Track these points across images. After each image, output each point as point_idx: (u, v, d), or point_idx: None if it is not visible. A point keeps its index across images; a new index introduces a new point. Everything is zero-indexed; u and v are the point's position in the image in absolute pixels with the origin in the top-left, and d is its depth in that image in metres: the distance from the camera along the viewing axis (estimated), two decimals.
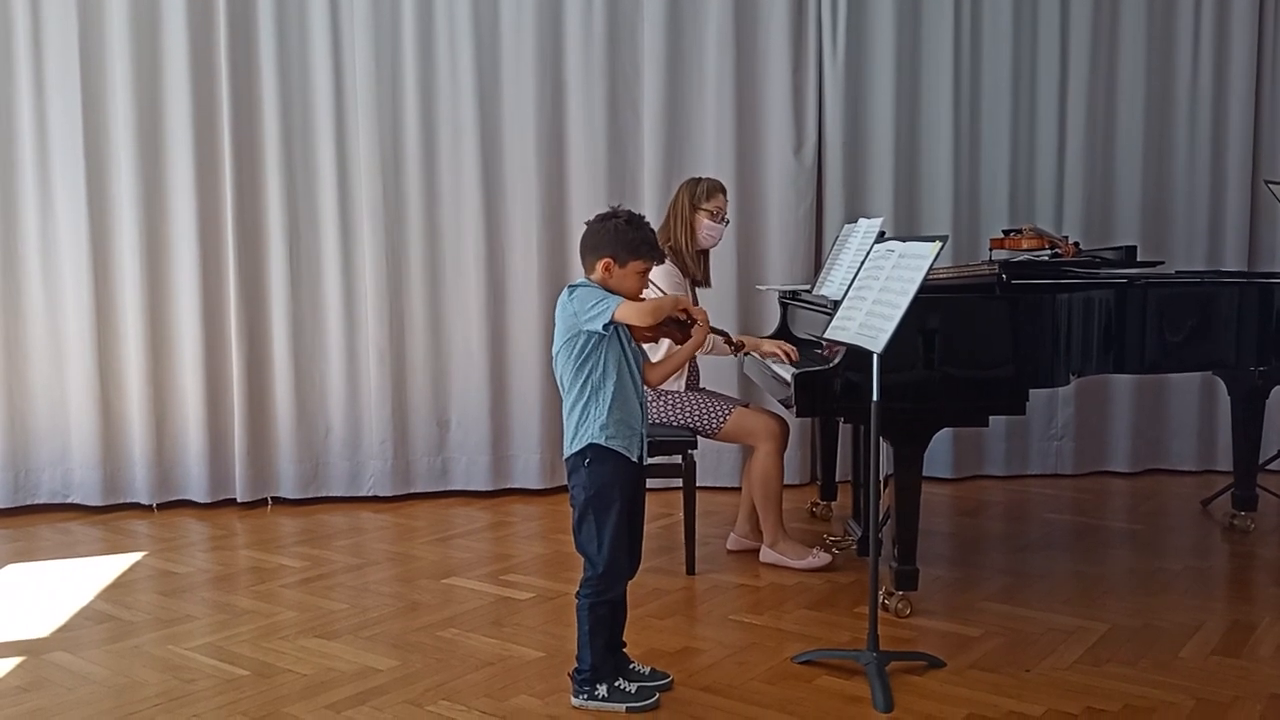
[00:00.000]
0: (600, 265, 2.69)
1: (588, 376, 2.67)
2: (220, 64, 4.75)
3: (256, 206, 4.86)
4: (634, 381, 2.73)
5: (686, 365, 3.92)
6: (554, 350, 2.74)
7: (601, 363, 2.67)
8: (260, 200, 4.86)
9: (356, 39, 4.84)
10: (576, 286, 2.69)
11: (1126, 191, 5.36)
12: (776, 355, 3.73)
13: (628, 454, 2.71)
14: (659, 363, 2.93)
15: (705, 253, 4.09)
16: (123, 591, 3.74)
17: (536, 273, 5.01)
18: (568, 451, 2.73)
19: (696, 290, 4.07)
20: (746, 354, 3.77)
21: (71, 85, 4.69)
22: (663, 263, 3.47)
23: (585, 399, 2.68)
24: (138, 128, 4.72)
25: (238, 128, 4.78)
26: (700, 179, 4.05)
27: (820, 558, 3.86)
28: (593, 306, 2.61)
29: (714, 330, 2.85)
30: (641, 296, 2.76)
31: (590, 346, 2.66)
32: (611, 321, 2.60)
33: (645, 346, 2.88)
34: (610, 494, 2.68)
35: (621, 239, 2.69)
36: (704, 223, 3.97)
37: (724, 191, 4.04)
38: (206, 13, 4.74)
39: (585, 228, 2.77)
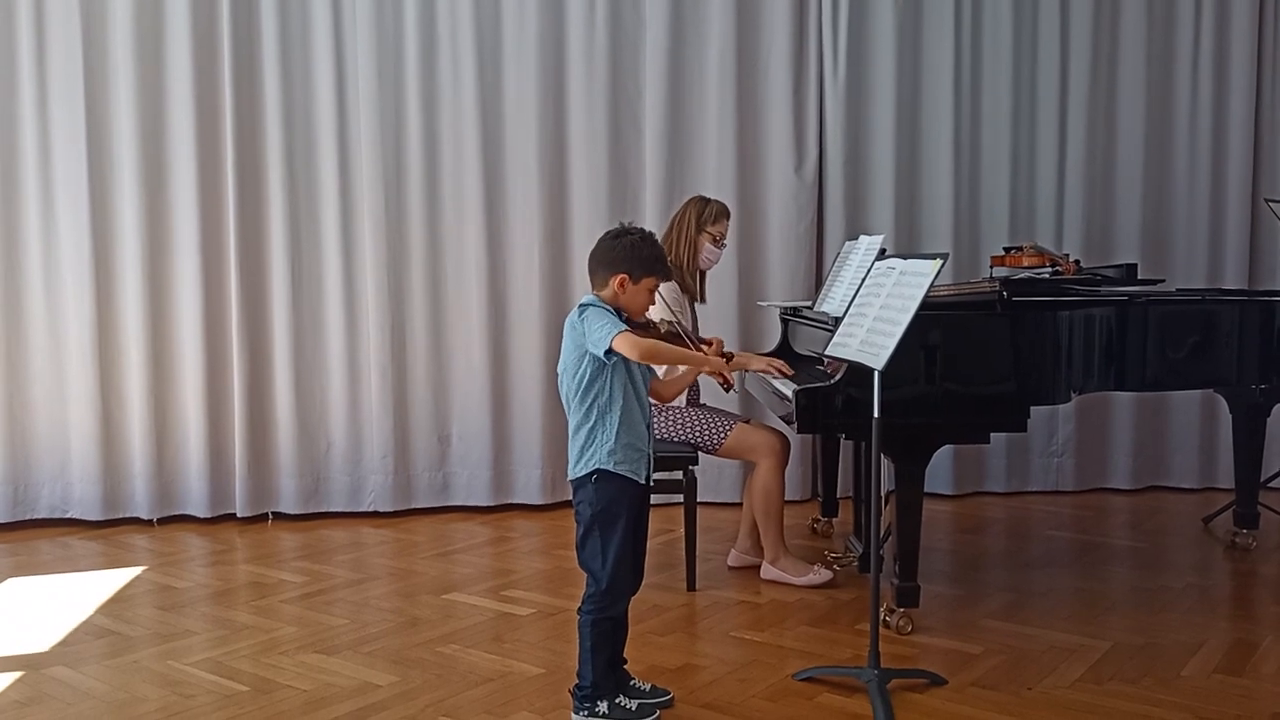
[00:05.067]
0: (615, 282, 2.69)
1: (594, 400, 2.67)
2: (224, 82, 4.77)
3: (258, 221, 4.87)
4: (640, 404, 2.73)
5: None
6: (559, 368, 2.73)
7: (608, 387, 2.66)
8: (262, 215, 4.87)
9: (359, 55, 4.85)
10: (587, 306, 2.68)
11: (1127, 209, 5.37)
12: (769, 373, 3.73)
13: (635, 477, 2.71)
14: (669, 380, 2.94)
15: (703, 271, 4.10)
16: (122, 606, 3.73)
17: (538, 288, 5.01)
18: (572, 475, 2.72)
19: (695, 306, 4.09)
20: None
21: (75, 99, 4.71)
22: (670, 280, 3.49)
23: (592, 423, 2.68)
24: (140, 144, 4.74)
25: (240, 144, 4.80)
26: (710, 200, 4.07)
27: (821, 574, 3.85)
28: (597, 330, 2.60)
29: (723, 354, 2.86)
30: (646, 312, 2.78)
31: (596, 370, 2.65)
32: (611, 350, 2.59)
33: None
34: (616, 511, 2.68)
35: (637, 256, 2.69)
36: (705, 245, 3.99)
37: (729, 217, 4.07)
38: (210, 26, 4.77)
39: (596, 244, 2.75)
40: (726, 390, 2.86)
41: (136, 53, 4.71)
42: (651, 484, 2.79)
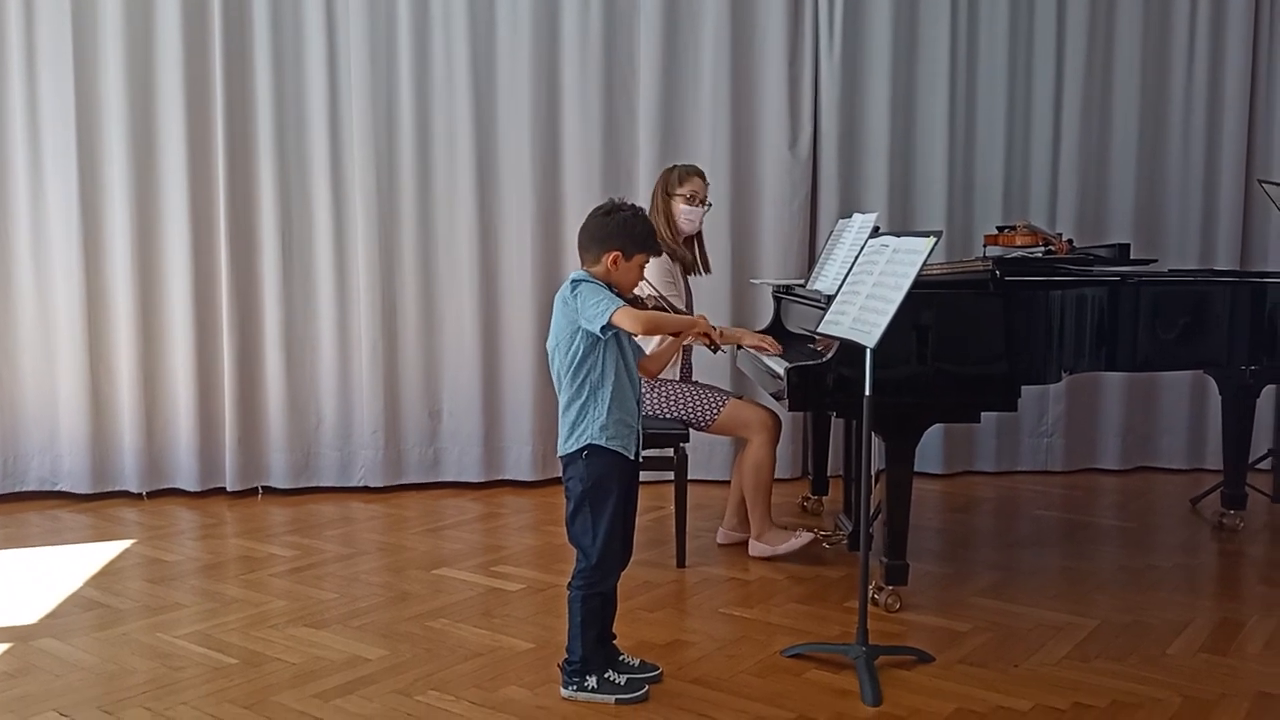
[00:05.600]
0: (608, 258, 2.68)
1: (586, 376, 2.66)
2: (214, 53, 4.73)
3: (249, 195, 4.84)
4: (631, 379, 2.73)
5: (679, 356, 3.93)
6: (549, 345, 2.73)
7: (600, 363, 2.66)
8: (253, 188, 4.84)
9: (352, 28, 4.81)
10: (579, 282, 2.67)
11: (1120, 189, 5.37)
12: (760, 349, 3.72)
13: (626, 453, 2.71)
14: (656, 354, 2.94)
15: (697, 240, 4.08)
16: (112, 579, 3.73)
17: (530, 264, 5.00)
18: (563, 450, 2.72)
19: (689, 278, 4.08)
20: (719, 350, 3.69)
21: (64, 71, 4.66)
22: (660, 255, 3.48)
23: (584, 399, 2.67)
24: (130, 115, 4.70)
25: (231, 116, 4.76)
26: (674, 166, 4.06)
27: (802, 537, 3.86)
28: (593, 306, 2.59)
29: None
30: (635, 289, 2.77)
31: (589, 346, 2.65)
32: (609, 325, 2.59)
33: (639, 338, 2.88)
34: (607, 486, 2.68)
35: (629, 232, 2.68)
36: (680, 208, 3.96)
37: (700, 175, 4.01)
38: (201, 2, 4.72)
39: (587, 219, 2.74)
40: (714, 352, 2.86)
41: (126, 28, 4.67)
42: (641, 460, 2.78)
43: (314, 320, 4.95)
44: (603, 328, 2.58)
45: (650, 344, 3.41)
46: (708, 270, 4.15)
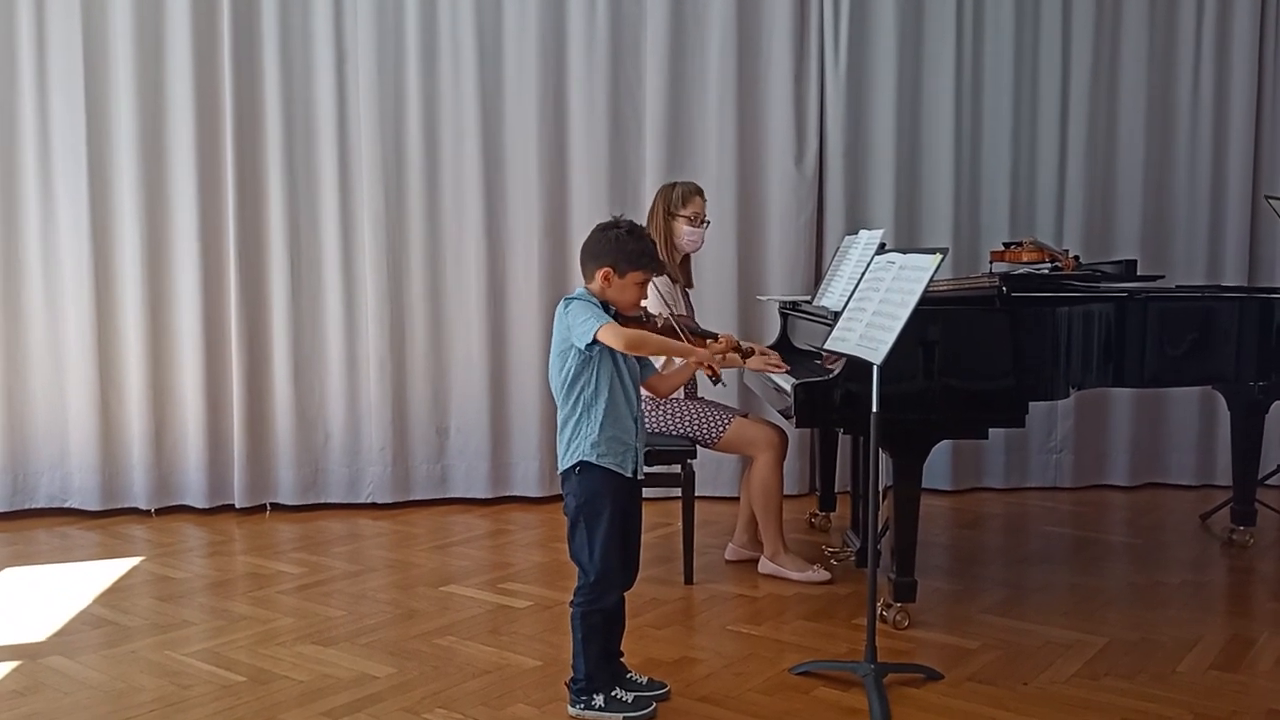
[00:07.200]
0: (600, 274, 2.69)
1: (580, 392, 2.67)
2: (224, 71, 4.76)
3: (258, 212, 4.87)
4: (627, 397, 2.72)
5: None
6: (551, 360, 2.74)
7: (594, 379, 2.66)
8: (262, 206, 4.87)
9: (359, 46, 4.85)
10: (573, 298, 2.69)
11: (1127, 205, 5.37)
12: (764, 370, 3.71)
13: (621, 470, 2.70)
14: (667, 375, 2.94)
15: (686, 255, 4.09)
16: (120, 596, 3.73)
17: (537, 281, 5.01)
18: (560, 467, 2.73)
19: (690, 296, 4.08)
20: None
21: (75, 88, 4.70)
22: (662, 275, 3.47)
23: (578, 414, 2.68)
24: (140, 133, 4.73)
25: (240, 135, 4.79)
26: (675, 184, 4.05)
27: (820, 574, 3.84)
28: (582, 322, 2.60)
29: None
30: (641, 305, 2.77)
31: (582, 361, 2.65)
32: (594, 341, 2.59)
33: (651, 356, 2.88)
34: (600, 503, 2.68)
35: (622, 249, 2.69)
36: (682, 229, 3.97)
37: (701, 194, 4.02)
38: (210, 18, 4.76)
39: (587, 236, 2.76)
40: (715, 384, 2.85)
41: (136, 42, 4.71)
42: (641, 478, 2.77)
43: (322, 337, 4.97)
44: (588, 344, 2.58)
45: (659, 360, 3.40)
46: (690, 284, 4.16)
